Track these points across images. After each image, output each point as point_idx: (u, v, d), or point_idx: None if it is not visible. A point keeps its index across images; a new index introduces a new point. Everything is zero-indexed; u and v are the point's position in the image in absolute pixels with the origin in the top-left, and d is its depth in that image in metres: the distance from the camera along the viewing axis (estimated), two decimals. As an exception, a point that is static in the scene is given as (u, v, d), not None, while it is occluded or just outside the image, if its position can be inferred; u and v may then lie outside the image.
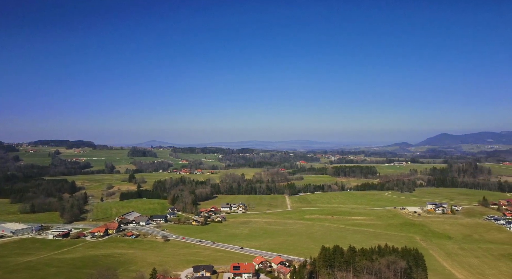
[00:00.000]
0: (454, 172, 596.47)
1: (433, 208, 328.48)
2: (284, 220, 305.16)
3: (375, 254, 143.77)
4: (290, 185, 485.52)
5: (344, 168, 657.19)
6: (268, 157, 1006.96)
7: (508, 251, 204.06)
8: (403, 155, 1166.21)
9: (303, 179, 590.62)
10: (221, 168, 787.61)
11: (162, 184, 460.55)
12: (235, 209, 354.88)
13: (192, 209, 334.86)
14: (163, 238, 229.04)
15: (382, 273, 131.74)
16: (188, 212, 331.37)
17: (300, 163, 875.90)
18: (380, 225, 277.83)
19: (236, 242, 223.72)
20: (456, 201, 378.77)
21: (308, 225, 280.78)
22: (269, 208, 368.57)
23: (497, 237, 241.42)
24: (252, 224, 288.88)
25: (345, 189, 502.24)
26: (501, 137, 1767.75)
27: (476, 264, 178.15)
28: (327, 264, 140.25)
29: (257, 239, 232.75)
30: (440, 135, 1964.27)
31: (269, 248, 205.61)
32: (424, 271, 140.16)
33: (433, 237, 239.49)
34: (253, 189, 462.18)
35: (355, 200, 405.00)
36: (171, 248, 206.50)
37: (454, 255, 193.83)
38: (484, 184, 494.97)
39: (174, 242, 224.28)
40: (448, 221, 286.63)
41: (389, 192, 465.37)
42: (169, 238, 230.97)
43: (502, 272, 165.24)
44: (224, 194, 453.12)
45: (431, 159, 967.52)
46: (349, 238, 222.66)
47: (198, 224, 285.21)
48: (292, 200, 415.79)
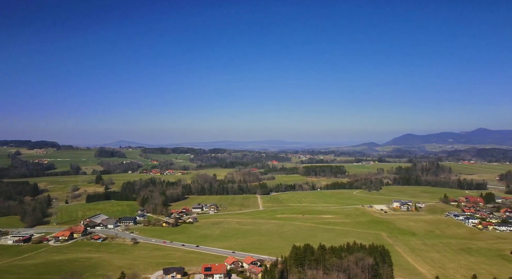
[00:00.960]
0: (418, 171, 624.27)
1: (399, 205, 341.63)
2: (256, 219, 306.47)
3: (344, 252, 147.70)
4: (262, 185, 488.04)
5: (314, 168, 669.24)
6: (240, 157, 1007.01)
7: (466, 245, 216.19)
8: (370, 155, 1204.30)
9: (274, 179, 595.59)
10: (193, 168, 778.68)
11: (131, 185, 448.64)
12: (206, 210, 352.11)
13: (163, 211, 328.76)
14: (132, 240, 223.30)
15: (350, 270, 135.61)
16: (158, 214, 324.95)
17: (272, 163, 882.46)
18: (349, 223, 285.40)
19: (207, 243, 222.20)
20: (419, 198, 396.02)
21: (279, 224, 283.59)
22: (241, 208, 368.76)
23: (457, 232, 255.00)
24: (224, 224, 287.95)
25: (316, 188, 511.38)
26: (461, 137, 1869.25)
27: (437, 258, 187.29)
28: (298, 263, 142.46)
29: (229, 240, 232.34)
30: (405, 135, 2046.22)
31: (241, 248, 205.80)
32: (390, 266, 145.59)
33: (399, 233, 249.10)
34: (225, 190, 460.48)
35: (325, 199, 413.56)
36: (141, 251, 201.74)
37: (417, 251, 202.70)
38: (445, 182, 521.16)
39: (144, 244, 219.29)
40: (412, 218, 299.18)
41: (358, 191, 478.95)
42: (138, 240, 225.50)
43: (461, 265, 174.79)
44: (195, 194, 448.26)
45: (397, 158, 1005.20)
46: (320, 237, 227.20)
47: (169, 225, 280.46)
48: (264, 200, 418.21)
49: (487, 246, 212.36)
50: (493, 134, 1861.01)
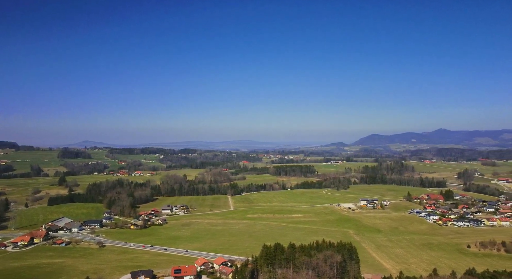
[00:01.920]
0: (384, 170, 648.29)
1: (365, 204, 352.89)
2: (227, 220, 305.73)
3: (314, 250, 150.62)
4: (232, 185, 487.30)
5: (285, 168, 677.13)
6: (211, 157, 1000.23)
7: (428, 240, 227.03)
8: (339, 155, 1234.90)
9: (245, 179, 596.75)
10: (162, 169, 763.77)
11: (97, 187, 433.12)
12: (176, 211, 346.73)
13: (131, 213, 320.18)
14: (98, 244, 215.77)
15: (319, 268, 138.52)
16: (126, 216, 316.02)
17: (243, 163, 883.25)
18: (318, 222, 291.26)
19: (177, 244, 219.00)
20: (385, 196, 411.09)
21: (250, 224, 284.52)
22: (212, 208, 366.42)
23: (419, 228, 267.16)
24: (194, 225, 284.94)
25: (286, 188, 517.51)
26: (423, 137, 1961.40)
27: (401, 254, 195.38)
28: (268, 262, 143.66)
29: (200, 241, 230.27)
30: (371, 136, 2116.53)
31: (211, 249, 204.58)
32: (357, 263, 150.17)
33: (365, 231, 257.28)
34: (195, 190, 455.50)
35: (295, 198, 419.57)
36: (107, 255, 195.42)
37: (383, 247, 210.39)
38: (409, 181, 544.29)
39: (110, 247, 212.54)
40: (378, 215, 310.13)
41: (327, 190, 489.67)
42: (104, 244, 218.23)
43: (423, 260, 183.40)
44: (165, 195, 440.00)
45: (364, 158, 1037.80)
46: (290, 236, 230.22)
47: (137, 227, 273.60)
48: (234, 200, 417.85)
49: (446, 241, 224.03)
50: (452, 135, 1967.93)
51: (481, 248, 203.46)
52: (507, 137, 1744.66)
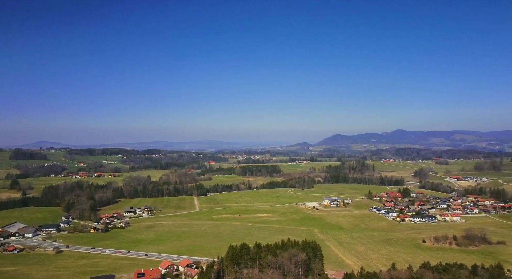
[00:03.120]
0: (346, 169, 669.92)
1: (329, 202, 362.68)
2: (192, 221, 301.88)
3: (279, 249, 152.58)
4: (198, 186, 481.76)
5: (251, 168, 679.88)
6: (176, 158, 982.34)
7: (387, 236, 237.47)
8: (304, 154, 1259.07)
9: (211, 179, 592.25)
10: (125, 170, 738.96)
11: (54, 190, 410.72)
12: (140, 213, 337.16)
13: (91, 216, 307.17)
14: (55, 250, 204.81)
15: (285, 266, 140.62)
16: (86, 219, 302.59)
17: (209, 163, 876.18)
18: (284, 221, 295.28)
19: (141, 247, 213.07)
20: (347, 195, 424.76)
21: (216, 225, 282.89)
22: (177, 210, 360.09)
23: (379, 225, 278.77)
24: (159, 227, 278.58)
25: (252, 188, 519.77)
26: (383, 137, 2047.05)
27: (362, 250, 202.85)
28: (234, 262, 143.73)
29: (164, 243, 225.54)
30: (334, 136, 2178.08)
31: (176, 251, 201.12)
32: (321, 260, 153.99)
33: (329, 229, 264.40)
34: (160, 191, 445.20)
35: (261, 198, 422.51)
36: (65, 260, 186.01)
37: (345, 244, 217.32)
38: (370, 179, 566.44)
39: (68, 253, 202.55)
40: (341, 213, 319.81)
41: (292, 189, 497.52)
42: (62, 249, 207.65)
43: (382, 255, 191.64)
44: (128, 198, 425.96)
45: (328, 157, 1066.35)
46: (256, 235, 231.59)
47: (98, 231, 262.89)
48: (200, 200, 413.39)
49: (404, 237, 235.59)
50: (409, 135, 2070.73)
51: (435, 242, 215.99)
52: (457, 138, 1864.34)
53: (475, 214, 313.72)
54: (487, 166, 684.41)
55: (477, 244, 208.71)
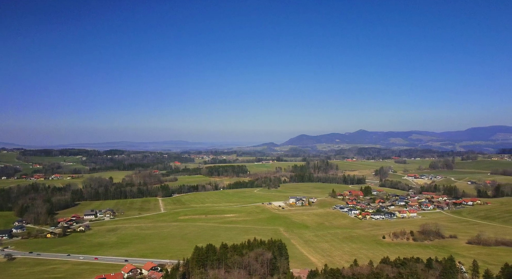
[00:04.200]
0: (311, 169, 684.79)
1: (294, 201, 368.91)
2: (157, 223, 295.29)
3: (245, 249, 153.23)
4: (163, 187, 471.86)
5: (217, 168, 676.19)
6: (140, 158, 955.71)
7: (349, 234, 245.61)
8: (270, 154, 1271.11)
9: (177, 180, 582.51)
10: (85, 171, 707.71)
11: (5, 193, 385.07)
12: (101, 216, 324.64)
13: (48, 220, 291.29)
14: (6, 257, 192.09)
15: (251, 266, 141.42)
16: (42, 224, 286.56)
17: (175, 164, 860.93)
18: (250, 221, 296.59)
19: (102, 251, 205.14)
20: (312, 194, 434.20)
21: (182, 226, 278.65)
22: (141, 212, 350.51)
23: (342, 223, 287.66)
24: (121, 230, 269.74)
25: (219, 188, 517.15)
26: (346, 137, 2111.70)
27: (326, 248, 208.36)
28: (200, 264, 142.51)
29: (127, 246, 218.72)
30: (300, 136, 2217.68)
31: (140, 254, 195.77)
32: (286, 259, 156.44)
33: (294, 227, 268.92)
34: (123, 193, 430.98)
35: (228, 199, 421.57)
36: (18, 268, 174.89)
37: (310, 242, 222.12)
38: (333, 178, 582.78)
39: (22, 260, 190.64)
40: (306, 212, 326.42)
41: (258, 189, 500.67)
42: (14, 256, 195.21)
43: (345, 252, 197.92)
44: (88, 200, 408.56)
45: (293, 157, 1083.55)
46: (222, 236, 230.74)
47: (55, 236, 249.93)
48: (165, 202, 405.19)
49: (365, 233, 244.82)
50: (371, 135, 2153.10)
51: (394, 238, 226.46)
52: (415, 138, 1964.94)
53: (430, 210, 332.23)
54: (441, 164, 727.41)
55: (432, 238, 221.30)
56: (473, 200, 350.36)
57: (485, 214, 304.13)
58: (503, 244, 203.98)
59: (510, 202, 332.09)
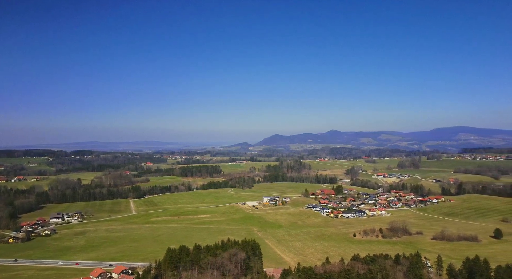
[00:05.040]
0: (284, 169, 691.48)
1: (268, 201, 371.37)
2: (128, 225, 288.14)
3: (219, 249, 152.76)
4: (135, 188, 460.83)
5: (191, 168, 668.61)
6: (111, 159, 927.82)
7: (322, 232, 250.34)
8: (244, 154, 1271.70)
9: (149, 181, 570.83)
10: (51, 173, 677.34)
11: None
12: (68, 219, 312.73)
13: (10, 224, 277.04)
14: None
15: (224, 267, 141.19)
16: (3, 228, 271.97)
17: (147, 164, 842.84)
18: (224, 221, 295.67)
19: (70, 255, 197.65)
20: (286, 193, 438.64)
21: (154, 228, 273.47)
22: (111, 214, 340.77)
23: (315, 221, 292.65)
24: (90, 233, 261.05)
25: (192, 188, 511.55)
26: (318, 137, 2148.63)
27: (299, 247, 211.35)
28: (173, 265, 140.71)
29: (96, 250, 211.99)
30: (273, 136, 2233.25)
31: (110, 257, 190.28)
32: (260, 259, 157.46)
33: (268, 227, 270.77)
34: (92, 195, 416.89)
35: (201, 199, 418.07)
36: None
37: (283, 241, 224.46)
38: (306, 178, 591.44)
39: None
40: (279, 212, 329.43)
41: (232, 189, 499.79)
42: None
43: (318, 250, 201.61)
44: (55, 203, 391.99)
45: (267, 157, 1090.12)
46: (195, 237, 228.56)
47: (18, 240, 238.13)
48: (137, 203, 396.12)
49: (337, 232, 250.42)
50: (342, 135, 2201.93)
51: (364, 235, 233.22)
52: (384, 138, 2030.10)
53: (398, 208, 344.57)
54: (408, 164, 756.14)
55: (400, 235, 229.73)
56: (437, 197, 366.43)
57: (448, 210, 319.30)
58: (465, 239, 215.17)
59: (471, 199, 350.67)
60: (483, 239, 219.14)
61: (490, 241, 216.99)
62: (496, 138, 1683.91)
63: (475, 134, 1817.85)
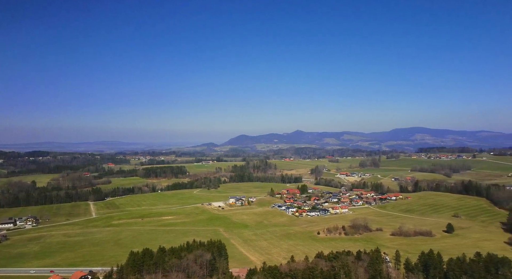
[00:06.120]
0: (251, 169, 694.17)
1: (234, 201, 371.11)
2: (88, 229, 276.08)
3: (184, 251, 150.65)
4: (95, 190, 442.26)
5: (155, 169, 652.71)
6: (69, 160, 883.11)
7: (287, 231, 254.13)
8: (210, 155, 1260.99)
9: (111, 182, 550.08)
10: (3, 175, 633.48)
11: None
12: (22, 224, 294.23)
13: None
14: None
15: (190, 268, 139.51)
16: None
17: (108, 165, 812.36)
18: (189, 222, 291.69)
19: (22, 263, 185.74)
20: (252, 193, 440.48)
21: (116, 231, 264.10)
22: (69, 218, 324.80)
23: (280, 220, 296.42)
24: (46, 238, 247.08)
25: (156, 190, 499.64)
26: (283, 138, 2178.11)
27: (265, 246, 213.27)
28: (136, 269, 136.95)
29: (53, 256, 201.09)
30: (240, 136, 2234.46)
31: (68, 263, 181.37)
32: (226, 259, 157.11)
33: (234, 227, 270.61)
34: (48, 198, 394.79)
35: (166, 200, 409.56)
36: None
37: (249, 241, 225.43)
38: (272, 178, 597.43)
39: None
40: (245, 211, 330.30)
41: (198, 190, 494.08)
42: None
43: (283, 249, 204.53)
44: (6, 207, 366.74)
45: (233, 157, 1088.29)
46: (160, 239, 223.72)
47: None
48: (97, 206, 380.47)
49: (301, 230, 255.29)
50: (307, 135, 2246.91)
51: (328, 233, 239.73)
52: (346, 138, 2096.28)
53: (360, 206, 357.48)
54: (369, 163, 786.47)
55: (361, 232, 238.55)
56: (396, 195, 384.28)
57: (406, 207, 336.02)
58: (421, 234, 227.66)
59: (426, 196, 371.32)
60: (437, 233, 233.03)
61: (443, 235, 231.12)
62: (448, 138, 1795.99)
63: (430, 134, 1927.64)
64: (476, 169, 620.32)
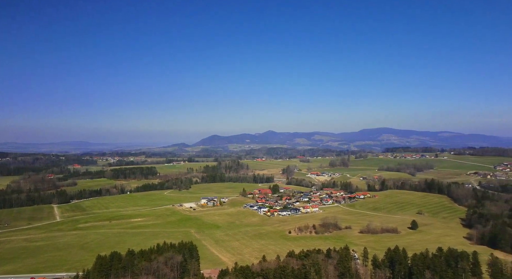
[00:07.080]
0: (223, 169, 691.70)
1: (206, 202, 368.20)
2: (52, 233, 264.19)
3: (154, 253, 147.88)
4: (60, 193, 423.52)
5: (124, 170, 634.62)
6: (31, 161, 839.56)
7: (259, 231, 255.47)
8: (181, 155, 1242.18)
9: (77, 184, 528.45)
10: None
11: None
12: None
13: None
14: None
15: (160, 271, 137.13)
16: None
17: (73, 167, 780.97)
18: (160, 224, 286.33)
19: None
20: (224, 194, 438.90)
21: (81, 235, 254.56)
22: (31, 222, 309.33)
23: (252, 220, 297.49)
24: (5, 244, 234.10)
25: (125, 191, 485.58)
26: (256, 138, 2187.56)
27: (237, 246, 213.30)
28: (103, 274, 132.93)
29: (12, 262, 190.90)
30: (212, 137, 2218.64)
31: (30, 269, 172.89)
32: (197, 260, 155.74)
33: (205, 228, 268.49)
34: (7, 202, 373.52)
35: (136, 202, 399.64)
36: None
37: (221, 242, 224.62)
38: (244, 178, 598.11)
39: None
40: (217, 212, 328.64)
41: (169, 191, 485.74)
42: None
43: (255, 249, 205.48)
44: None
45: (205, 158, 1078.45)
46: (129, 242, 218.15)
47: None
48: (62, 209, 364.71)
49: (273, 230, 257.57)
50: (278, 136, 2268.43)
51: (299, 232, 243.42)
52: (317, 138, 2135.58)
53: (329, 205, 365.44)
54: (339, 162, 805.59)
55: (331, 230, 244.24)
56: (364, 194, 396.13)
57: (373, 205, 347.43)
58: (387, 231, 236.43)
59: (393, 195, 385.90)
60: (402, 230, 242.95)
61: (408, 232, 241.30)
62: (412, 139, 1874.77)
63: (395, 135, 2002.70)
64: (438, 168, 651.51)
